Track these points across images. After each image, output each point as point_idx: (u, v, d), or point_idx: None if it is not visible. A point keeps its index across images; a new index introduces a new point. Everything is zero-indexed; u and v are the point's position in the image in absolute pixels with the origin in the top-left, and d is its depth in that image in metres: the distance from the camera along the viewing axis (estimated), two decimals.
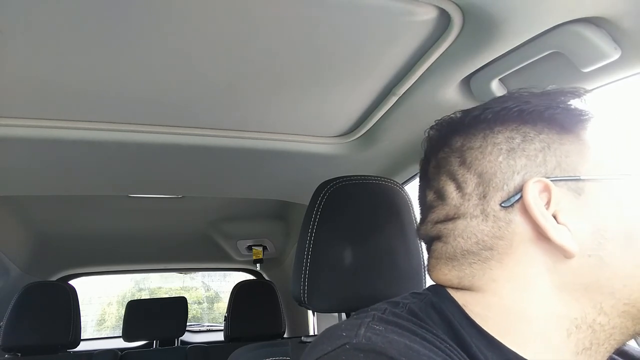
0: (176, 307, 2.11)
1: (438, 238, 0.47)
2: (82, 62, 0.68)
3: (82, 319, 1.74)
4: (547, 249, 0.41)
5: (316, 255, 0.76)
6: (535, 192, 0.41)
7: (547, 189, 0.41)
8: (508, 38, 0.59)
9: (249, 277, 2.54)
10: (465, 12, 0.56)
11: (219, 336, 2.67)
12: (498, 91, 0.74)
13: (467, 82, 0.76)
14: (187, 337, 2.51)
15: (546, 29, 0.58)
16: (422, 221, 0.51)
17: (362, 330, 0.38)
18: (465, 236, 0.44)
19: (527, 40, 0.60)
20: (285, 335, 1.96)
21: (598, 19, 0.56)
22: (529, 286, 0.41)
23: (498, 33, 0.58)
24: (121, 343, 2.01)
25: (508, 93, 0.48)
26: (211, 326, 2.91)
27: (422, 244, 0.80)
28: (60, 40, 0.62)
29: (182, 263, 2.54)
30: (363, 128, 0.98)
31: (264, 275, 2.53)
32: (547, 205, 0.41)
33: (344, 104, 0.88)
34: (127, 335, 1.97)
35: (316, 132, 1.03)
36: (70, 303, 1.66)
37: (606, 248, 0.40)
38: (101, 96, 0.79)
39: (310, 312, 2.16)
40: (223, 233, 2.13)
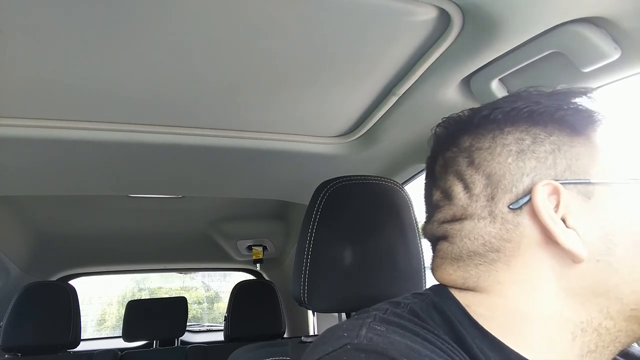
0: (176, 307, 2.11)
1: (444, 238, 0.47)
2: (82, 62, 0.68)
3: (82, 319, 1.74)
4: (555, 253, 0.40)
5: (316, 255, 0.76)
6: (544, 195, 0.40)
7: (556, 192, 0.41)
8: (508, 38, 0.59)
9: (249, 277, 2.54)
10: (465, 12, 0.56)
11: (219, 336, 2.67)
12: (498, 91, 0.74)
13: (467, 82, 0.76)
14: (187, 337, 2.51)
15: (546, 29, 0.58)
16: (428, 220, 0.50)
17: (364, 330, 0.38)
18: (472, 237, 0.44)
19: (527, 40, 0.60)
20: (285, 335, 1.96)
21: (598, 19, 0.56)
22: (536, 289, 0.41)
23: (498, 33, 0.58)
24: (121, 343, 2.01)
25: (517, 92, 0.47)
26: (211, 326, 2.91)
27: (422, 244, 0.80)
28: (60, 40, 0.62)
29: (182, 263, 2.54)
30: (363, 128, 0.98)
31: (264, 275, 2.53)
32: (556, 208, 0.40)
33: (344, 104, 0.88)
34: (127, 335, 1.97)
35: (316, 132, 1.03)
36: (70, 303, 1.66)
37: (615, 253, 0.40)
38: (101, 96, 0.79)
39: (310, 312, 2.16)
40: (223, 233, 2.13)
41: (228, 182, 1.35)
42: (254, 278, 2.51)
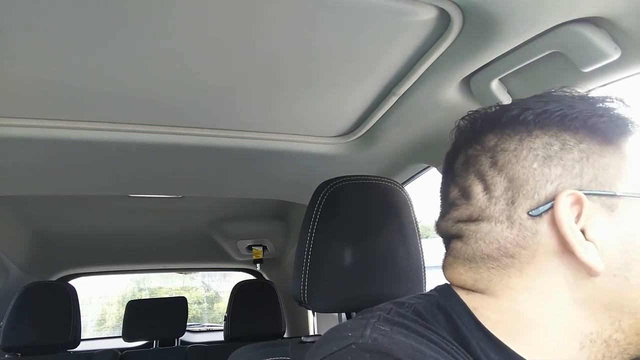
0: (176, 307, 2.11)
1: (458, 237, 0.46)
2: (82, 62, 0.68)
3: (82, 319, 1.74)
4: (571, 264, 0.39)
5: (316, 255, 0.76)
6: (566, 205, 0.39)
7: (579, 202, 0.39)
8: (508, 38, 0.59)
9: (249, 277, 2.54)
10: (465, 12, 0.56)
11: (219, 336, 2.67)
12: (498, 91, 0.74)
13: (467, 82, 0.76)
14: (187, 337, 2.51)
15: (546, 29, 0.58)
16: (442, 217, 0.49)
17: (368, 330, 0.38)
18: (487, 240, 0.43)
19: (527, 40, 0.60)
20: (285, 335, 1.96)
21: (598, 19, 0.56)
22: (547, 298, 0.40)
23: (498, 33, 0.58)
24: (121, 343, 2.01)
25: (549, 93, 0.45)
26: (211, 326, 2.91)
27: (422, 244, 0.80)
28: (60, 40, 0.62)
29: (182, 263, 2.54)
30: (363, 128, 0.98)
31: (264, 275, 2.53)
32: (577, 218, 0.39)
33: (344, 104, 0.88)
34: (127, 335, 1.97)
35: (316, 132, 1.03)
36: (70, 303, 1.66)
37: (633, 268, 0.39)
38: (101, 96, 0.79)
39: (310, 312, 2.16)
40: (223, 233, 2.13)
41: (228, 182, 1.35)
42: (254, 278, 2.51)
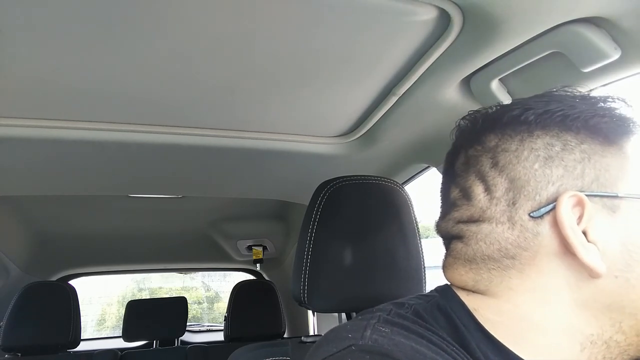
0: (176, 307, 2.11)
1: (458, 238, 0.46)
2: (82, 62, 0.68)
3: (82, 319, 1.74)
4: (572, 265, 0.39)
5: (316, 255, 0.76)
6: (568, 207, 0.39)
7: (581, 204, 0.39)
8: (508, 38, 0.59)
9: (249, 277, 2.54)
10: (465, 12, 0.56)
11: (219, 336, 2.67)
12: (498, 91, 0.74)
13: (467, 82, 0.76)
14: (187, 337, 2.51)
15: (546, 29, 0.58)
16: (443, 217, 0.49)
17: (368, 331, 0.38)
18: (488, 241, 0.42)
19: (527, 40, 0.60)
20: (285, 335, 1.96)
21: (598, 19, 0.56)
22: (548, 299, 0.40)
23: (498, 33, 0.58)
24: (121, 343, 2.01)
25: (550, 92, 0.44)
26: (211, 326, 2.91)
27: (422, 244, 0.80)
28: (60, 40, 0.62)
29: (182, 263, 2.54)
30: (363, 128, 0.98)
31: (264, 275, 2.53)
32: (579, 220, 0.39)
33: (344, 104, 0.88)
34: (127, 335, 1.97)
35: (316, 132, 1.03)
36: (70, 303, 1.66)
37: (635, 270, 0.39)
38: (101, 96, 0.79)
39: (310, 312, 2.16)
40: (223, 233, 2.13)
41: (228, 182, 1.35)
42: (254, 278, 2.51)
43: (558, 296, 0.40)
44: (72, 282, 2.36)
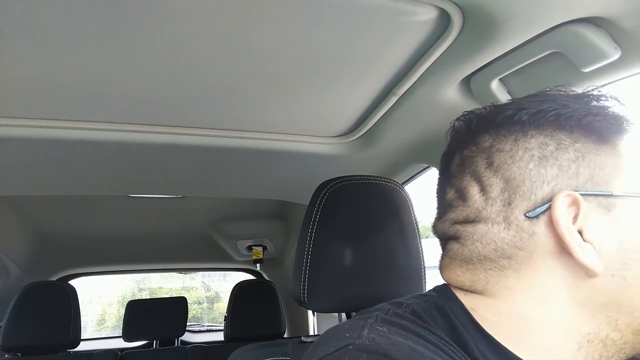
0: (176, 307, 2.11)
1: (455, 238, 0.46)
2: (82, 62, 0.68)
3: (82, 319, 1.74)
4: (568, 265, 0.39)
5: (316, 255, 0.76)
6: (564, 207, 0.39)
7: (576, 203, 0.39)
8: (508, 38, 0.59)
9: (249, 277, 2.54)
10: (465, 12, 0.56)
11: (219, 336, 2.67)
12: (498, 91, 0.74)
13: (467, 82, 0.76)
14: (187, 337, 2.51)
15: (546, 29, 0.58)
16: (439, 218, 0.49)
17: (366, 331, 0.38)
18: (484, 241, 0.43)
19: (527, 40, 0.60)
20: (285, 335, 1.96)
21: (598, 19, 0.56)
22: (545, 298, 0.40)
23: (498, 33, 0.58)
24: (121, 343, 2.01)
25: (544, 92, 0.45)
26: (211, 326, 2.91)
27: (422, 244, 0.80)
28: (60, 40, 0.62)
29: (182, 263, 2.54)
30: (363, 128, 0.98)
31: (264, 275, 2.53)
32: (574, 219, 0.39)
33: (344, 104, 0.88)
34: (127, 335, 1.97)
35: (316, 132, 1.03)
36: (70, 303, 1.66)
37: (631, 268, 0.39)
38: (101, 96, 0.79)
39: (310, 312, 2.16)
40: (223, 233, 2.13)
41: (228, 182, 1.35)
42: (254, 278, 2.51)
43: (555, 295, 0.40)
44: (72, 282, 2.36)
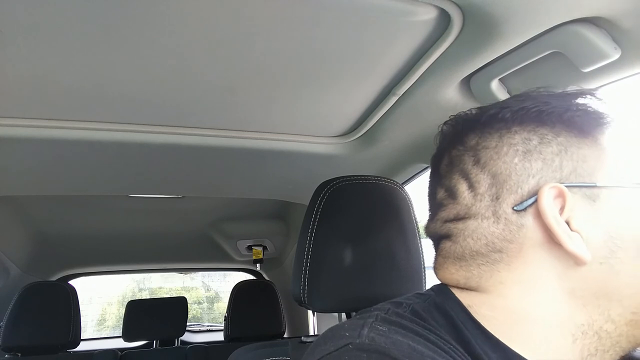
0: (176, 307, 2.11)
1: (447, 237, 0.47)
2: (82, 62, 0.68)
3: (82, 319, 1.74)
4: (558, 255, 0.40)
5: (316, 255, 0.76)
6: (550, 198, 0.40)
7: (562, 195, 0.40)
8: (508, 38, 0.59)
9: (249, 277, 2.54)
10: (465, 12, 0.56)
11: (219, 336, 2.67)
12: (498, 91, 0.74)
13: (467, 82, 0.76)
14: (187, 337, 2.51)
15: (546, 29, 0.58)
16: (431, 218, 0.50)
17: (365, 330, 0.38)
18: (475, 237, 0.44)
19: (527, 40, 0.60)
20: (285, 335, 1.96)
21: (598, 19, 0.56)
22: (537, 290, 0.41)
23: (498, 33, 0.58)
24: (121, 343, 2.01)
25: (526, 92, 0.47)
26: (211, 326, 2.91)
27: (422, 244, 0.80)
28: (60, 40, 0.62)
29: (182, 263, 2.54)
30: (363, 128, 0.98)
31: (264, 275, 2.53)
32: (561, 211, 0.40)
33: (344, 104, 0.88)
34: (127, 335, 1.96)
35: (316, 132, 1.03)
36: (70, 303, 1.66)
37: (618, 256, 0.40)
38: (101, 96, 0.79)
39: (310, 312, 2.16)
40: (223, 233, 2.13)
41: (228, 182, 1.35)
42: (254, 278, 2.51)
43: (546, 286, 0.41)
44: (72, 282, 2.36)
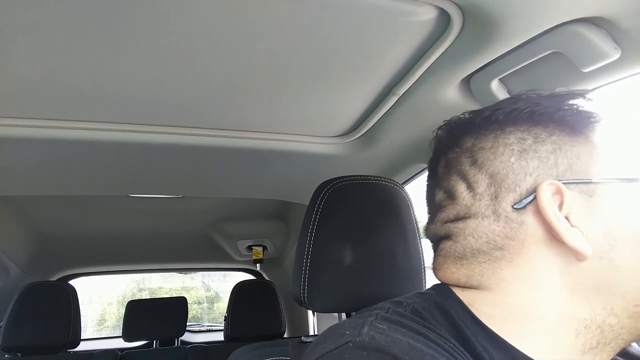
0: (176, 307, 2.11)
1: (447, 237, 0.47)
2: (82, 62, 0.68)
3: (82, 319, 1.74)
4: (559, 251, 0.41)
5: (316, 255, 0.76)
6: (548, 195, 0.41)
7: (559, 192, 0.41)
8: (508, 38, 0.59)
9: (249, 277, 2.54)
10: (465, 12, 0.56)
11: (219, 336, 2.67)
12: (498, 91, 0.74)
13: (467, 82, 0.76)
14: (187, 337, 2.51)
15: (546, 29, 0.58)
16: (431, 220, 0.51)
17: (366, 328, 0.38)
18: (475, 235, 0.44)
19: (527, 40, 0.60)
20: (285, 335, 1.96)
21: (598, 19, 0.56)
22: (539, 286, 0.41)
23: (498, 33, 0.58)
24: (121, 343, 2.01)
25: (518, 95, 0.48)
26: (211, 326, 2.91)
27: (422, 244, 0.80)
28: (60, 40, 0.62)
29: (182, 263, 2.54)
30: (363, 128, 0.98)
31: (264, 275, 2.53)
32: (560, 207, 0.41)
33: (344, 104, 0.88)
34: (127, 335, 1.96)
35: (316, 132, 1.03)
36: (70, 303, 1.66)
37: (617, 250, 0.40)
38: (101, 96, 0.79)
39: (310, 312, 2.16)
40: (223, 233, 2.13)
41: (228, 182, 1.35)
42: (254, 278, 2.51)
43: (548, 281, 0.41)
44: (72, 282, 2.36)
